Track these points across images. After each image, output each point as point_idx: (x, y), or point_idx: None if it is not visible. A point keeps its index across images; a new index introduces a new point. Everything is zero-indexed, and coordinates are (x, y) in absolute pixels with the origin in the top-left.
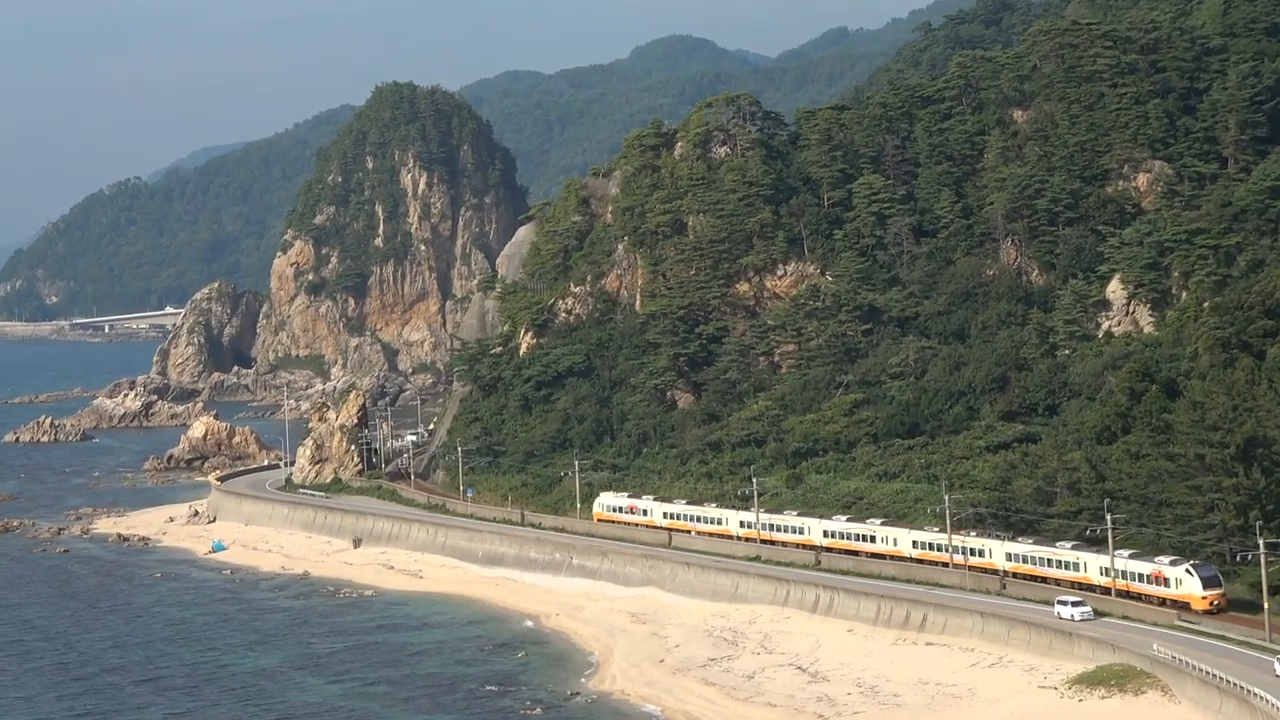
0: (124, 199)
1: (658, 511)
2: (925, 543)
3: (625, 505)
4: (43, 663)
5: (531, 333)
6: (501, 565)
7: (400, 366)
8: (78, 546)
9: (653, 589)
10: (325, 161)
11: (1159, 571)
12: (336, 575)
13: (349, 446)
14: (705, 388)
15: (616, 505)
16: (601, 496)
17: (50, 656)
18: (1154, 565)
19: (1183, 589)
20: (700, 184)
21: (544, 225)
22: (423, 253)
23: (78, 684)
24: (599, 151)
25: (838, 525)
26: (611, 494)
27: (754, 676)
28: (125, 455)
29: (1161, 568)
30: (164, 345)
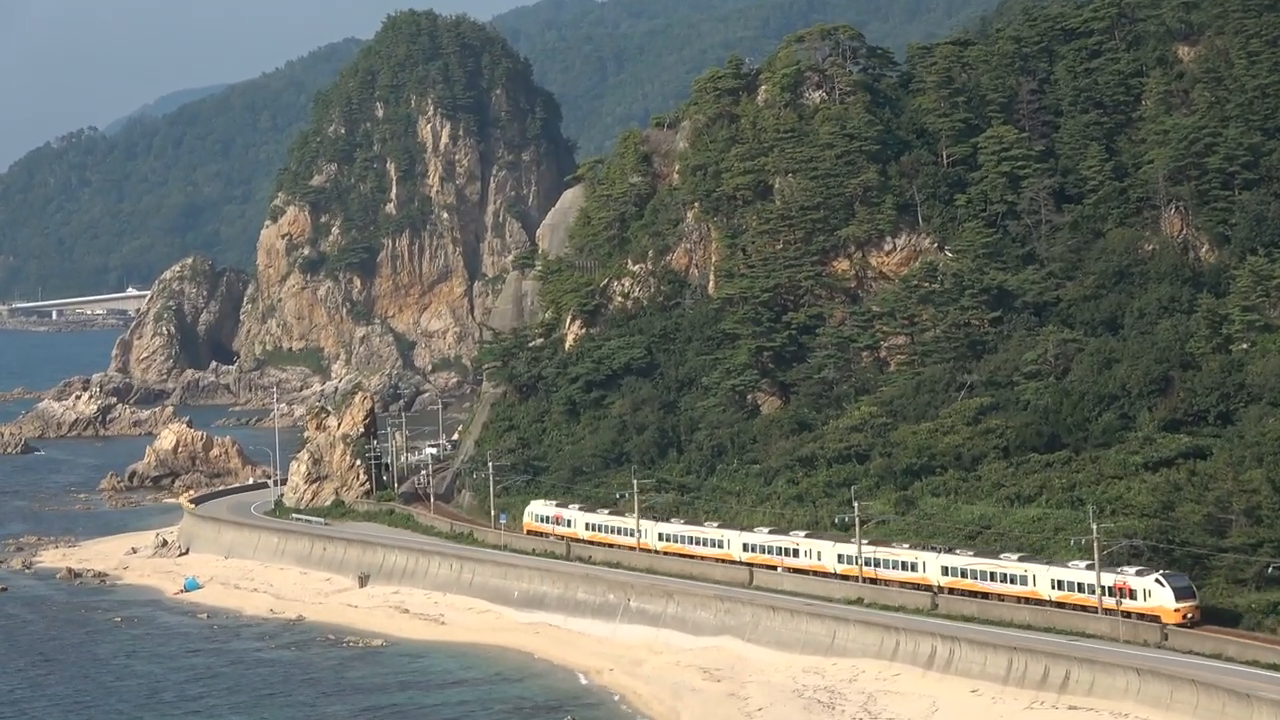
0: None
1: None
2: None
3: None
4: None
5: (580, 321)
6: (542, 608)
7: (417, 363)
8: (19, 584)
9: (729, 638)
10: (325, 109)
11: (1124, 583)
12: (338, 620)
13: (354, 462)
14: (795, 390)
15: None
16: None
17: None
18: (1119, 576)
19: (1152, 601)
20: (789, 137)
21: (595, 188)
22: (445, 222)
23: None
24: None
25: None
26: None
27: None
28: (77, 471)
29: (1127, 578)
30: (125, 336)
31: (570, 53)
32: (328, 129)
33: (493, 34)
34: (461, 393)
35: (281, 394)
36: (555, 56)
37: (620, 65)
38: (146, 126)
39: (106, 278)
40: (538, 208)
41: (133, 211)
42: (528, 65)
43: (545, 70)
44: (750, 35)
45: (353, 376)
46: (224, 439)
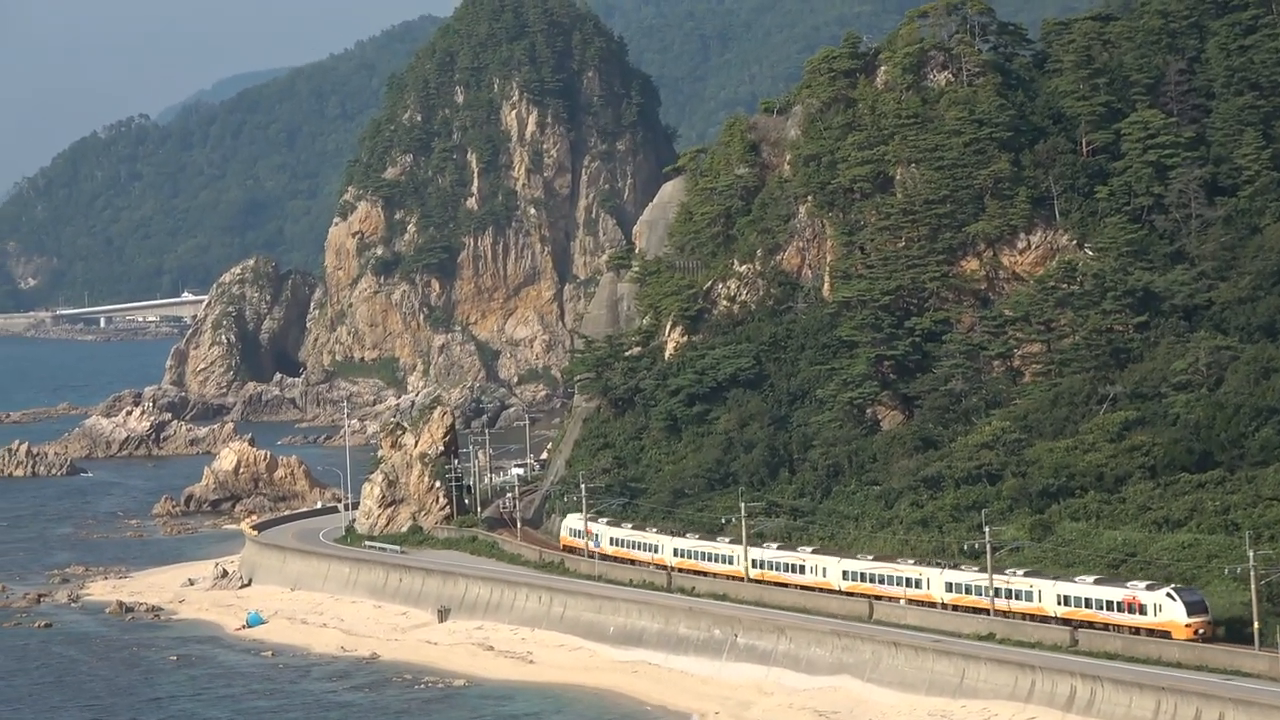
0: (125, 146)
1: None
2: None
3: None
4: None
5: (681, 328)
6: (641, 645)
7: (501, 374)
8: (65, 619)
9: (847, 678)
10: (399, 94)
11: (1133, 598)
12: (416, 659)
13: (432, 483)
14: (919, 403)
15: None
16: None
17: None
18: (1127, 591)
19: (1163, 616)
20: (912, 124)
21: (698, 180)
22: (532, 218)
23: None
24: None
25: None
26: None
27: None
28: (129, 495)
29: (1136, 593)
30: (180, 345)
31: (670, 31)
32: (402, 116)
33: (584, 10)
34: (551, 407)
35: (353, 409)
36: (653, 35)
37: (725, 44)
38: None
39: (159, 281)
40: (634, 202)
41: (188, 208)
42: (623, 45)
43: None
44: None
45: (431, 389)
46: (289, 459)
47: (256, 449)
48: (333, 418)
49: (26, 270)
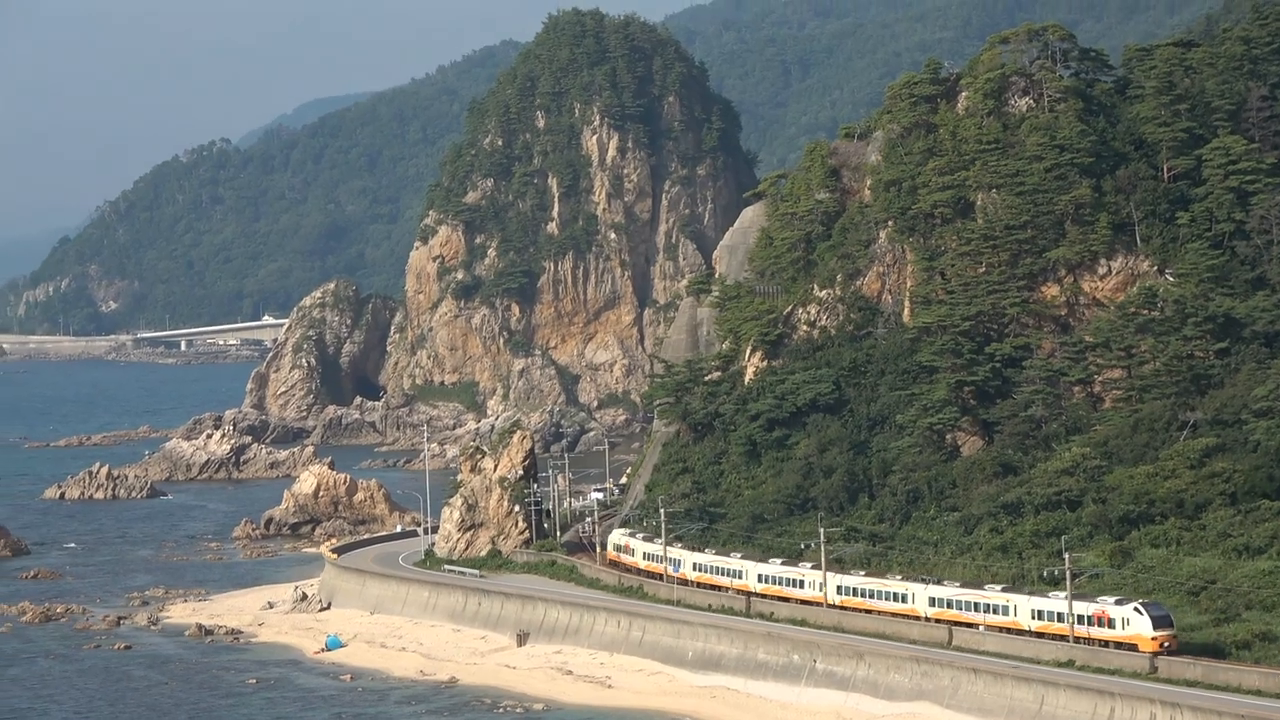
0: (206, 170)
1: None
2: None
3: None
4: None
5: (761, 353)
6: (720, 670)
7: (581, 398)
8: (144, 641)
9: (926, 704)
10: (480, 118)
11: (1102, 612)
12: (495, 683)
13: (512, 508)
14: (999, 429)
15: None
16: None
17: None
18: (1097, 605)
19: (1130, 630)
20: (993, 149)
21: (778, 205)
22: (612, 243)
23: None
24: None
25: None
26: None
27: None
28: (208, 518)
29: (1105, 608)
30: (261, 369)
31: (750, 56)
32: (483, 141)
33: (665, 36)
34: (630, 432)
35: (432, 433)
36: (734, 60)
37: (805, 70)
38: (284, 138)
39: (240, 305)
40: (714, 227)
41: (269, 232)
42: (704, 70)
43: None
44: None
45: (511, 413)
46: (369, 482)
47: (336, 472)
48: (412, 441)
49: (108, 294)
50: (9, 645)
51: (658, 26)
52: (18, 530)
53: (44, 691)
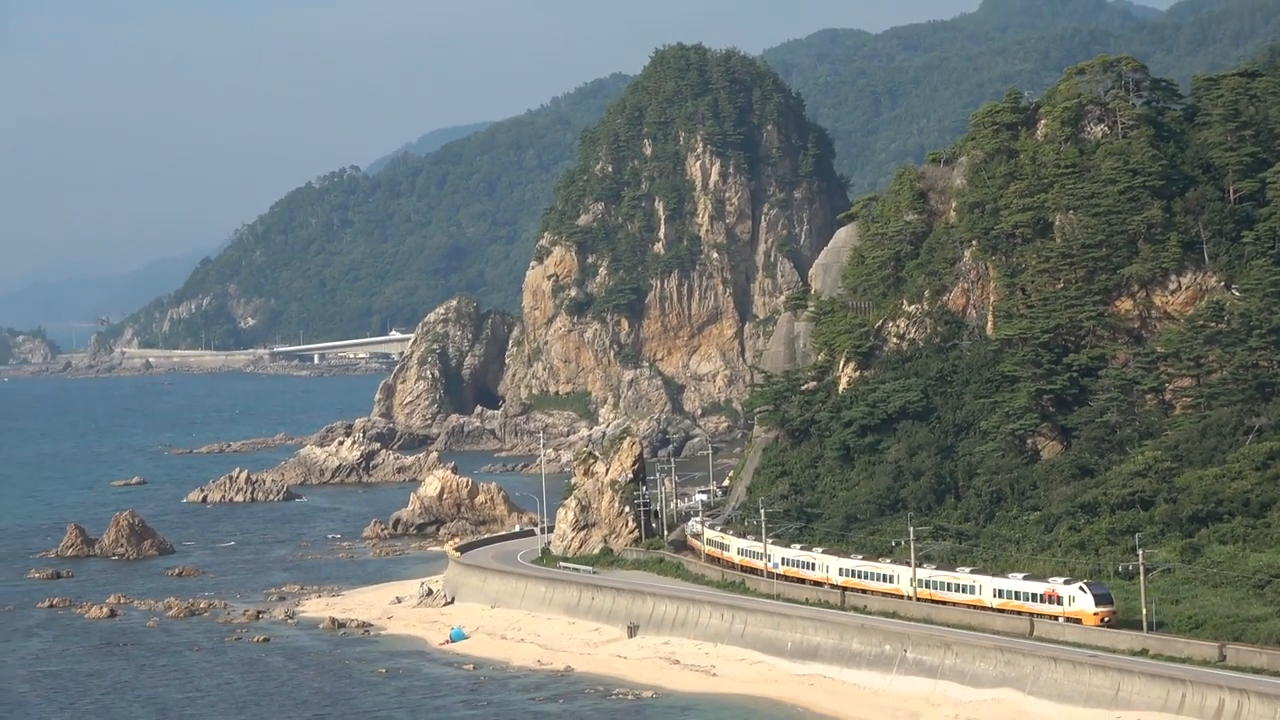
0: (337, 195)
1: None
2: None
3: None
4: None
5: (854, 363)
6: (816, 660)
7: (686, 406)
8: (281, 634)
9: (1009, 690)
10: (591, 146)
11: (1052, 590)
12: (607, 672)
13: (622, 508)
14: (1076, 434)
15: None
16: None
17: None
18: (1048, 585)
19: (1075, 606)
20: (1070, 173)
21: (869, 226)
22: (715, 262)
23: None
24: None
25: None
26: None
27: None
28: (340, 519)
29: (1055, 587)
30: (388, 380)
31: (843, 87)
32: (594, 167)
33: (763, 68)
34: (732, 438)
35: (548, 439)
36: (828, 91)
37: (895, 100)
38: (409, 165)
39: (369, 320)
40: (810, 247)
41: (395, 252)
42: (800, 100)
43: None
44: (1029, 68)
45: (621, 421)
46: (490, 485)
47: (459, 476)
48: (529, 447)
49: (246, 311)
50: (157, 638)
51: (756, 60)
52: (164, 531)
53: (191, 681)
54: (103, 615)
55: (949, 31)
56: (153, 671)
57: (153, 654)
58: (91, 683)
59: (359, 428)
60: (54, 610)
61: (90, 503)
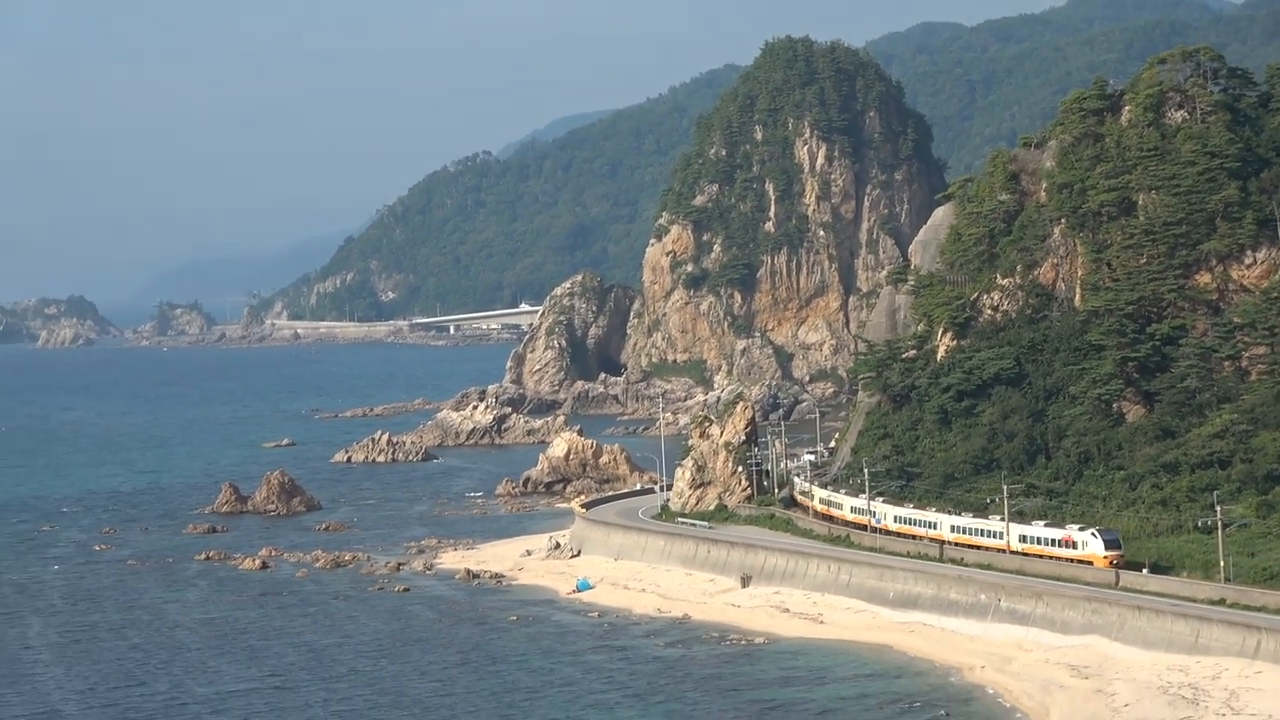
0: (471, 177)
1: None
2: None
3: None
4: None
5: (951, 333)
6: (916, 608)
7: (795, 373)
8: (421, 585)
9: (1096, 637)
10: (706, 132)
11: (1069, 536)
12: (722, 619)
13: (735, 468)
14: (1159, 398)
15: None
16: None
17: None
18: (1064, 531)
19: (1088, 550)
20: (1152, 155)
21: (965, 205)
22: (821, 239)
23: None
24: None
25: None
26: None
27: None
28: (474, 478)
29: (1071, 533)
30: (519, 349)
31: (940, 76)
32: (709, 151)
33: (866, 59)
34: (837, 402)
35: (667, 404)
36: (926, 80)
37: (988, 88)
38: (537, 150)
39: (500, 294)
40: (910, 225)
41: (525, 231)
42: (900, 88)
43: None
44: (1114, 58)
45: (734, 387)
46: (613, 447)
47: (584, 438)
48: (649, 411)
49: (387, 285)
50: (307, 588)
51: (859, 51)
52: (311, 489)
53: (338, 628)
54: (255, 567)
55: (1039, 24)
56: (302, 619)
57: (302, 603)
58: (246, 629)
59: (491, 393)
60: (210, 562)
61: (244, 462)
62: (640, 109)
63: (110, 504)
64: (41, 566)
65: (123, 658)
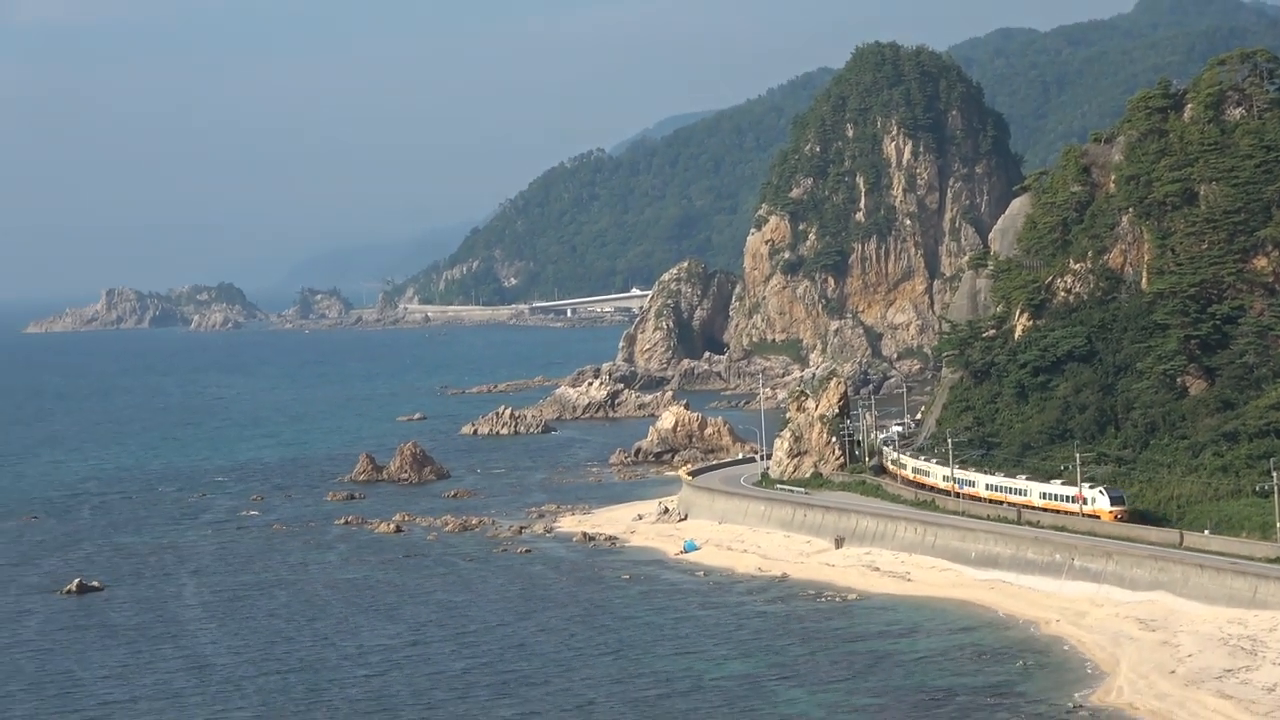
0: (586, 173)
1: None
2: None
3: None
4: (545, 692)
5: (1027, 314)
6: (996, 567)
7: (884, 351)
8: (541, 546)
9: (1162, 593)
10: (802, 130)
11: (1080, 493)
12: (817, 577)
13: (829, 438)
14: (1219, 373)
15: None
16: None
17: (550, 685)
18: (1076, 489)
19: (1096, 505)
20: (1212, 149)
21: (1040, 196)
22: (908, 228)
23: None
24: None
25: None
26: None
27: (1275, 689)
28: (590, 448)
29: (1082, 490)
30: (630, 330)
31: (1017, 78)
32: (804, 147)
33: (948, 62)
34: (923, 378)
35: (766, 380)
36: (1004, 81)
37: (1061, 88)
38: (647, 148)
39: (613, 279)
40: (989, 214)
41: (635, 222)
42: (979, 89)
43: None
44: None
45: (828, 364)
46: (716, 419)
47: (690, 412)
48: (750, 387)
49: (509, 272)
50: (437, 550)
51: (942, 54)
52: (441, 459)
53: (468, 586)
54: (390, 531)
55: (1107, 29)
56: (434, 578)
57: (433, 563)
58: (382, 588)
59: (605, 371)
60: (349, 527)
61: (379, 435)
62: (741, 109)
63: (258, 474)
64: (196, 531)
65: (272, 614)
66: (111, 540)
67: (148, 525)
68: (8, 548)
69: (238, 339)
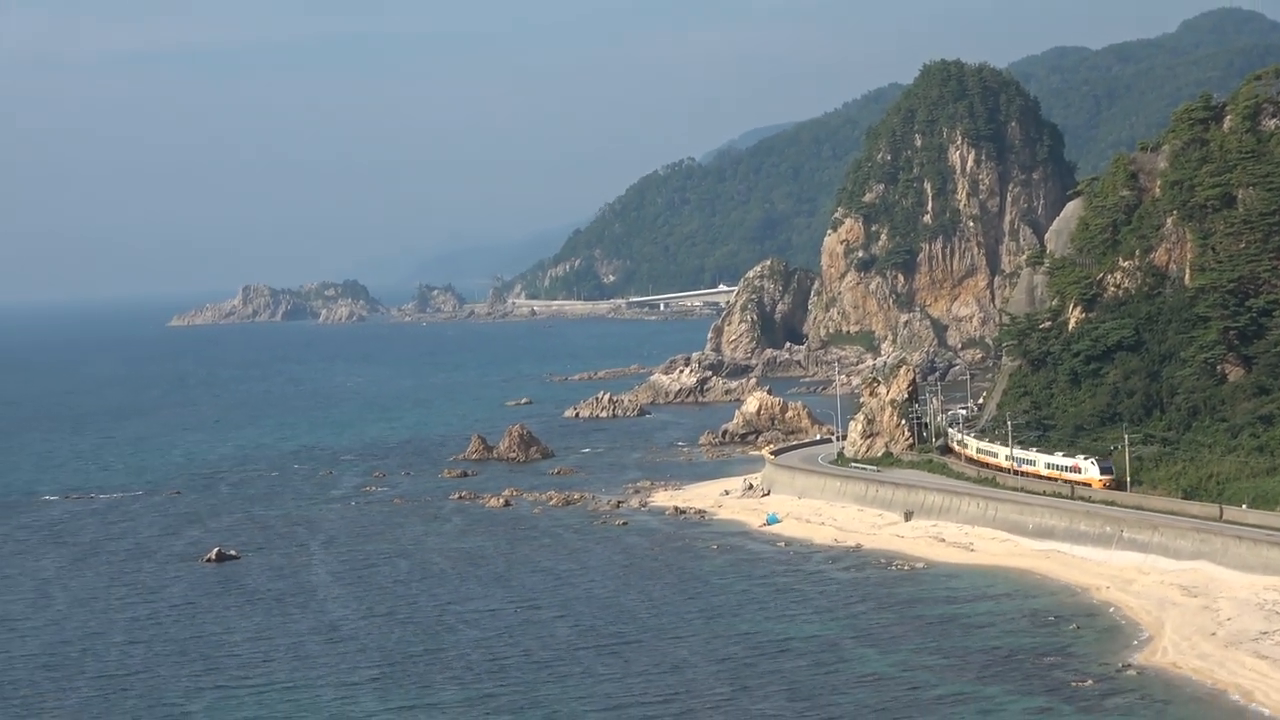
0: (678, 179)
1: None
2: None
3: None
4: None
5: (1080, 307)
6: (1051, 538)
7: (949, 342)
8: (636, 519)
9: (1203, 562)
10: (874, 140)
11: (1076, 464)
12: (888, 548)
13: (899, 421)
14: (1256, 361)
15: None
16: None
17: (650, 650)
18: (1074, 460)
19: (1088, 474)
20: (1250, 157)
21: (1092, 200)
22: (971, 229)
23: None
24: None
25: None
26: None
27: None
28: (681, 430)
29: (1078, 461)
30: (717, 322)
31: (1071, 92)
32: (876, 156)
33: (1008, 77)
34: (985, 366)
35: (841, 368)
36: (1059, 95)
37: (1111, 101)
38: (733, 157)
39: (702, 276)
40: (1045, 217)
41: (722, 224)
42: (1036, 103)
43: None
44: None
45: (898, 354)
46: (796, 404)
47: (773, 397)
48: (827, 374)
49: (607, 270)
50: (543, 523)
51: (1002, 71)
52: (546, 440)
53: (572, 555)
54: (499, 505)
55: (1154, 47)
56: (539, 548)
57: (539, 535)
58: (493, 557)
59: (695, 360)
60: (462, 501)
61: (490, 417)
62: (818, 121)
63: (380, 453)
64: (325, 505)
65: (395, 581)
66: (248, 513)
67: (281, 499)
68: (155, 520)
69: (361, 331)
